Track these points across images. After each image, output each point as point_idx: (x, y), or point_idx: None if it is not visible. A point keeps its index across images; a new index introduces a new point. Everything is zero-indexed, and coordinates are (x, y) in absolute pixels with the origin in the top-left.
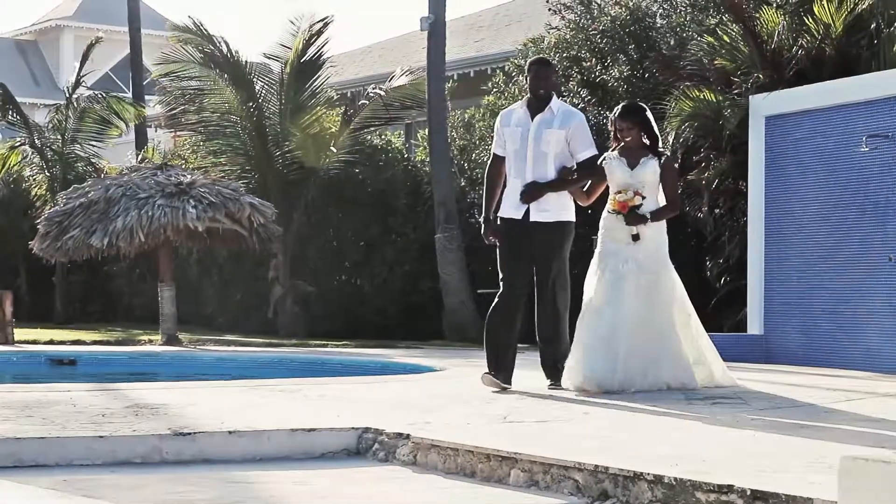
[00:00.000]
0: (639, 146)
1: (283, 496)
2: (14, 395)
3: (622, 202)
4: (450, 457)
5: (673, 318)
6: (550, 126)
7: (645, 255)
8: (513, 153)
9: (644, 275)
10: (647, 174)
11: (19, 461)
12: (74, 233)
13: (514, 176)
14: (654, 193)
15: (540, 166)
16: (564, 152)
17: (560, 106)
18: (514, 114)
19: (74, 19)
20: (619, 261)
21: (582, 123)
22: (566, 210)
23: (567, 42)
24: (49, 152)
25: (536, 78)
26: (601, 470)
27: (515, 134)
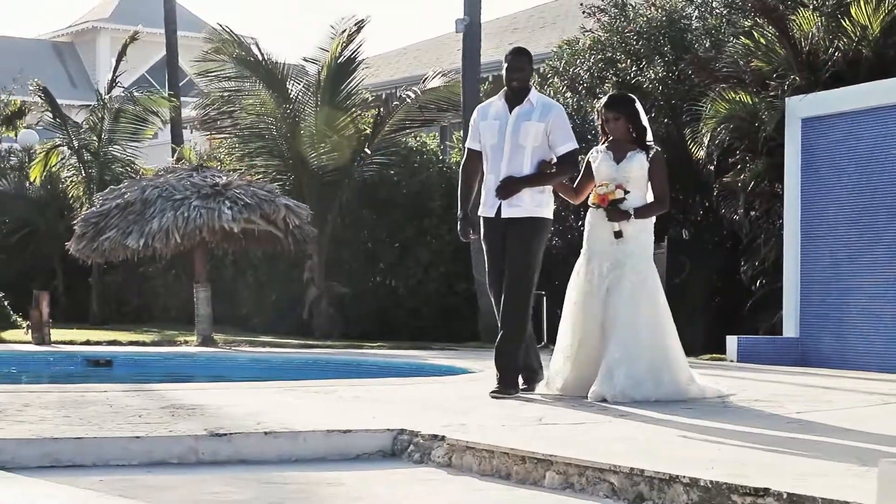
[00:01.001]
0: (626, 139)
1: (318, 497)
2: (51, 395)
3: (602, 195)
4: (485, 459)
5: (661, 320)
6: (529, 118)
7: (627, 255)
8: (490, 147)
9: (629, 275)
10: (633, 168)
11: (56, 461)
12: (111, 234)
13: (489, 171)
14: (641, 189)
15: (516, 161)
16: (543, 146)
17: (539, 98)
18: (492, 107)
19: (111, 21)
20: (602, 261)
21: (561, 115)
22: (541, 206)
23: (602, 44)
24: (86, 153)
25: (510, 69)
26: (637, 472)
27: (493, 127)
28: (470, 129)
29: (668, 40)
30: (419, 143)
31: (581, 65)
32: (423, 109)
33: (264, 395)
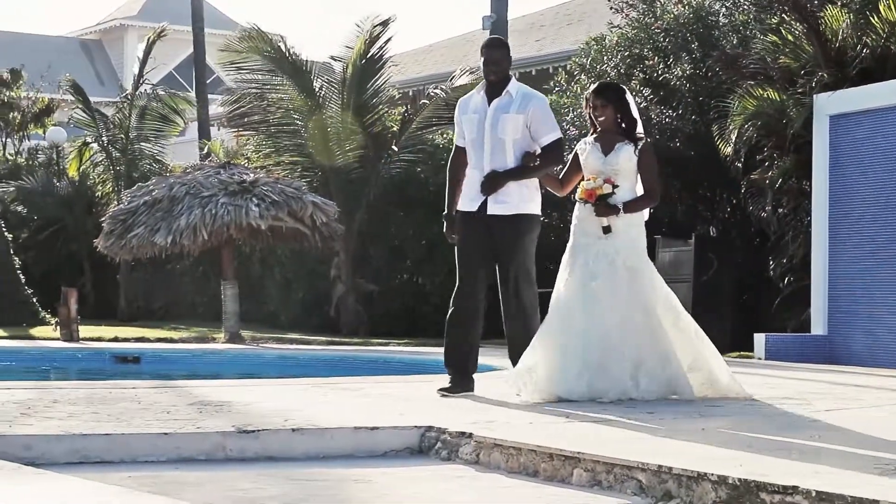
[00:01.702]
0: (614, 130)
1: (346, 494)
2: (80, 391)
3: (589, 190)
4: (512, 456)
5: (658, 318)
6: (507, 111)
7: (617, 250)
8: (470, 142)
9: (618, 271)
10: (621, 161)
11: (85, 457)
12: (139, 231)
13: (472, 166)
14: (630, 182)
15: (498, 154)
16: (525, 138)
17: (519, 88)
18: (472, 100)
19: (138, 19)
20: (589, 256)
21: (542, 106)
22: (529, 201)
23: (629, 40)
24: (114, 150)
25: (485, 63)
26: (665, 470)
27: (472, 121)
28: (455, 125)
29: (696, 37)
30: (446, 140)
31: (608, 62)
32: (451, 107)
33: (292, 392)
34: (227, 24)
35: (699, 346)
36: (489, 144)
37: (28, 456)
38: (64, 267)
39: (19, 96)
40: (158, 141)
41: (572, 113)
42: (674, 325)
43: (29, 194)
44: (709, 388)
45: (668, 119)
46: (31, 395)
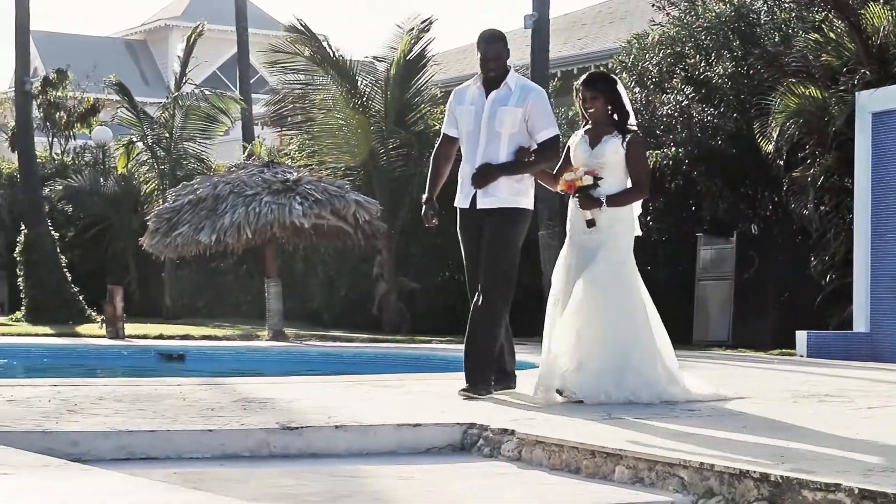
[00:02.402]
0: (604, 122)
1: (390, 491)
2: (125, 388)
3: (568, 181)
4: (555, 453)
5: (645, 316)
6: (506, 104)
7: (599, 245)
8: (465, 135)
9: (598, 266)
10: (608, 153)
11: (131, 454)
12: (183, 229)
13: (465, 160)
14: (617, 176)
15: (492, 148)
16: (522, 132)
17: (518, 81)
18: (469, 91)
19: (182, 19)
20: (574, 251)
21: (541, 99)
22: (520, 195)
23: (671, 39)
24: (158, 150)
25: (484, 59)
26: (707, 467)
27: (469, 113)
28: (446, 114)
29: (738, 35)
30: None
31: (649, 60)
32: None
33: (335, 389)
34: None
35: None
36: (485, 137)
37: (74, 452)
38: (110, 265)
39: (66, 96)
40: (202, 140)
41: None
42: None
43: (75, 193)
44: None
45: (709, 117)
46: (77, 392)
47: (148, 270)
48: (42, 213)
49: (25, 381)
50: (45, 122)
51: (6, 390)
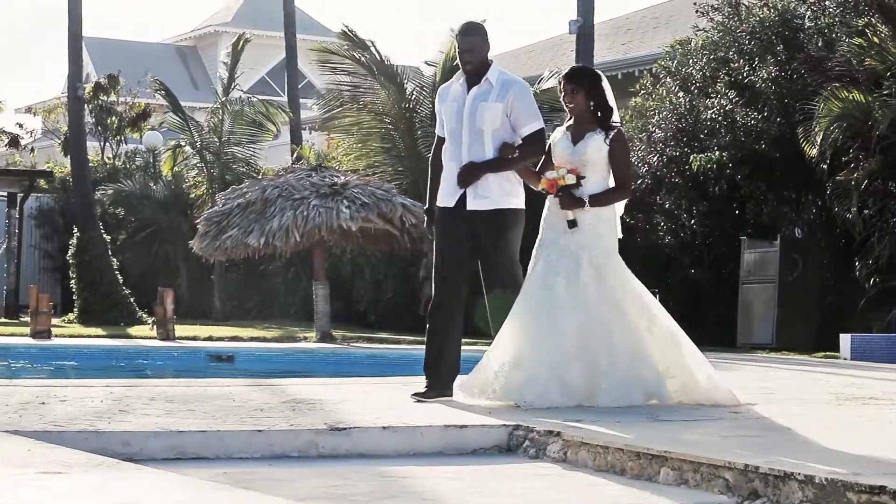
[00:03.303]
0: (586, 119)
1: (437, 491)
2: (175, 389)
3: (550, 181)
4: (600, 454)
5: (630, 318)
6: (486, 99)
7: (582, 246)
8: (449, 132)
9: (582, 269)
10: (590, 151)
11: (181, 453)
12: (232, 232)
13: (449, 158)
14: (600, 174)
15: (476, 146)
16: (505, 128)
17: (499, 75)
18: (452, 88)
19: (232, 25)
20: (553, 252)
21: (523, 93)
22: (510, 195)
23: (715, 43)
24: (207, 154)
25: (460, 52)
26: (751, 469)
27: (451, 110)
28: (437, 115)
29: (781, 40)
30: None
31: (693, 64)
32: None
33: (382, 391)
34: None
35: (674, 351)
36: (467, 135)
37: (126, 452)
38: (160, 268)
39: (117, 101)
40: (250, 145)
41: (657, 115)
42: (647, 329)
43: (126, 197)
44: (684, 395)
45: (753, 121)
46: (129, 392)
47: (198, 273)
48: (94, 217)
49: (78, 382)
50: (97, 127)
51: (60, 391)
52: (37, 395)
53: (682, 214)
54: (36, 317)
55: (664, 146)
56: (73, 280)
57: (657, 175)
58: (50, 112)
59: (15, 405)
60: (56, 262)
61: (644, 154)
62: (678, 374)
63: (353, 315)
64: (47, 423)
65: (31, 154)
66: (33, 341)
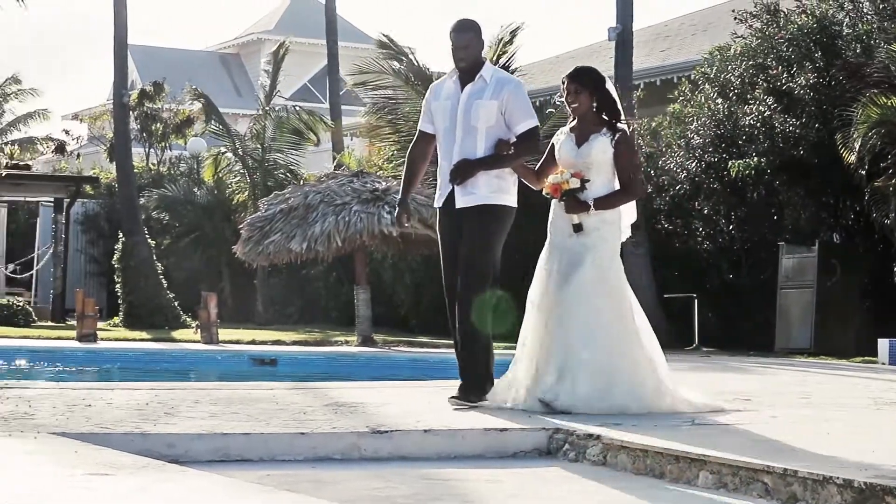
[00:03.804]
0: (592, 120)
1: (478, 493)
2: (220, 392)
3: (554, 185)
4: (639, 457)
5: (628, 327)
6: (481, 97)
7: (587, 249)
8: (442, 131)
9: (586, 272)
10: (594, 153)
11: (225, 455)
12: (275, 237)
13: (442, 157)
14: (605, 176)
15: (469, 143)
16: (499, 126)
17: (493, 73)
18: (445, 86)
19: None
20: (563, 256)
21: (517, 91)
22: (500, 192)
23: (753, 50)
24: (250, 160)
25: (454, 49)
26: (790, 473)
27: (445, 108)
28: (423, 110)
29: (819, 46)
30: None
31: (732, 71)
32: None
33: (423, 394)
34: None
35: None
36: (461, 132)
37: (171, 454)
38: (204, 272)
39: (161, 108)
40: (291, 153)
41: (696, 122)
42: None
43: (171, 202)
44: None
45: (791, 127)
46: (173, 395)
47: (240, 278)
48: (139, 222)
49: (124, 385)
50: (142, 134)
51: (106, 393)
52: (83, 397)
53: (720, 220)
54: (82, 320)
55: (703, 152)
56: (119, 284)
57: (696, 181)
58: (96, 119)
59: (62, 407)
60: (101, 266)
61: (682, 160)
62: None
63: (393, 319)
64: (94, 424)
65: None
66: (79, 344)
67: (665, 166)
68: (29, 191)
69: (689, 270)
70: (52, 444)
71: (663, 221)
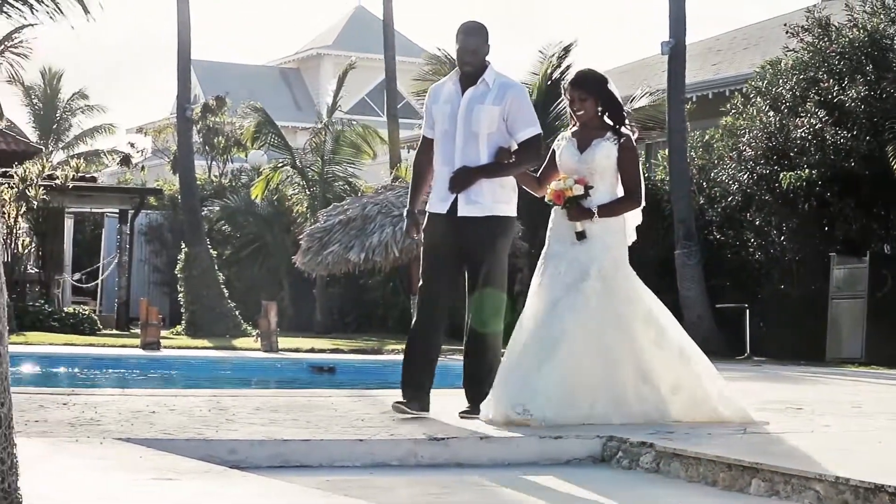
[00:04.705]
0: (595, 125)
1: (532, 500)
2: (280, 399)
3: (557, 192)
4: (692, 465)
5: (634, 335)
6: (483, 102)
7: (591, 258)
8: (441, 135)
9: (590, 282)
10: (598, 158)
11: (286, 461)
12: (334, 248)
13: (441, 163)
14: (609, 182)
15: (470, 149)
16: (501, 132)
17: (496, 77)
18: (444, 88)
19: (333, 48)
20: (562, 265)
21: (521, 97)
22: (504, 202)
23: (804, 64)
24: (309, 173)
25: (463, 51)
26: (842, 481)
27: (444, 112)
28: (424, 115)
29: (870, 60)
30: None
31: (783, 84)
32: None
33: None
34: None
35: (683, 367)
36: (461, 138)
37: (232, 459)
38: (264, 282)
39: (223, 122)
40: (349, 165)
41: (748, 134)
42: (654, 343)
43: (232, 213)
44: (694, 411)
45: (842, 140)
46: (234, 402)
47: (300, 287)
48: (201, 233)
49: (186, 392)
50: (205, 147)
51: (169, 400)
52: (147, 404)
53: (771, 231)
54: (146, 329)
55: (754, 164)
56: (181, 293)
57: (747, 192)
58: (160, 132)
59: (127, 414)
60: (165, 276)
61: (734, 172)
62: (686, 387)
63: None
64: (158, 431)
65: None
66: (143, 352)
67: (717, 178)
68: (95, 202)
69: (741, 281)
70: (118, 450)
71: (715, 232)
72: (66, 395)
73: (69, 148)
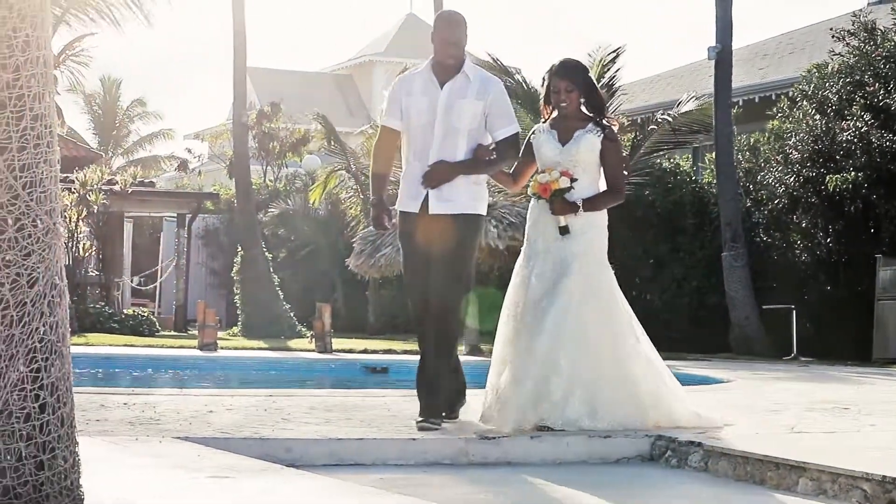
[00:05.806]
0: (577, 116)
1: (582, 499)
2: (334, 399)
3: (543, 184)
4: (739, 464)
5: (618, 337)
6: (465, 96)
7: (574, 254)
8: (417, 129)
9: (572, 278)
10: (581, 151)
11: (340, 460)
12: (386, 251)
13: (414, 158)
14: (591, 176)
15: (448, 145)
16: (480, 128)
17: (477, 72)
18: (418, 79)
19: (385, 55)
20: (547, 262)
21: (502, 94)
22: (477, 200)
23: (850, 67)
24: (363, 177)
25: (447, 43)
26: (889, 480)
27: (421, 105)
28: (388, 104)
29: None
30: (673, 164)
31: (829, 88)
32: (677, 132)
33: None
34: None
35: (654, 376)
36: (440, 133)
37: (288, 458)
38: (318, 284)
39: (279, 127)
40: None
41: (794, 137)
42: (634, 349)
43: (287, 218)
44: (663, 419)
45: (888, 142)
46: (290, 401)
47: (353, 289)
48: (257, 236)
49: (243, 392)
50: (260, 152)
51: (226, 400)
52: (205, 403)
53: (818, 233)
54: (203, 330)
55: (801, 167)
56: (238, 296)
57: (794, 195)
58: (216, 138)
59: (185, 413)
60: (221, 278)
61: (781, 175)
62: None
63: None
64: (215, 430)
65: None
66: (201, 353)
67: (763, 181)
68: (153, 207)
69: (788, 282)
70: (177, 448)
71: (762, 234)
72: (126, 395)
73: (128, 154)
